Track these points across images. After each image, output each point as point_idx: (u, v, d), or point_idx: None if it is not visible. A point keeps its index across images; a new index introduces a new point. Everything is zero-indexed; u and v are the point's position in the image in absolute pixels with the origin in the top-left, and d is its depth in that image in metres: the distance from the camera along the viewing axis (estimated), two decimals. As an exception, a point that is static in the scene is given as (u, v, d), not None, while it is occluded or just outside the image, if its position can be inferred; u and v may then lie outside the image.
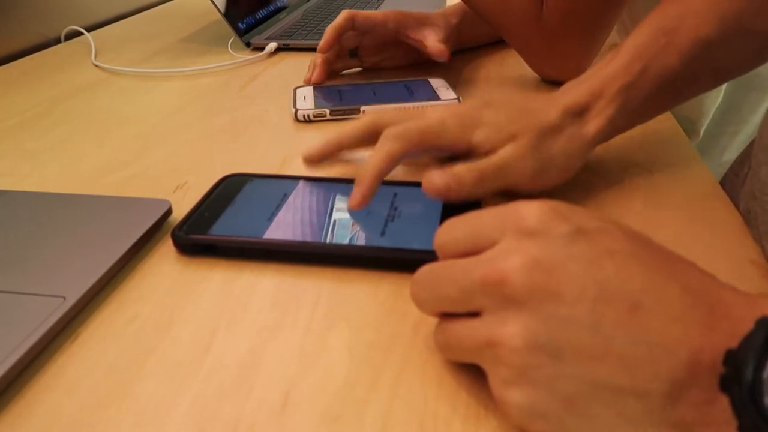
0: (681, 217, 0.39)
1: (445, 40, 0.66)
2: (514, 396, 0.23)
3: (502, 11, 0.60)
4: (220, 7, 0.79)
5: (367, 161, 0.39)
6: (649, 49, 0.40)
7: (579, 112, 0.40)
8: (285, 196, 0.41)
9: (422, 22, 0.67)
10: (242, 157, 0.51)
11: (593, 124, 0.40)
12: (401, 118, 0.41)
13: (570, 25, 0.57)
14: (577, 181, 0.44)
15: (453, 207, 0.39)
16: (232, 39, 0.83)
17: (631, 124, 0.43)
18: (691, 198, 0.41)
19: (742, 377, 0.20)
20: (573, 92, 0.41)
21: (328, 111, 0.57)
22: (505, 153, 0.39)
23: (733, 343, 0.21)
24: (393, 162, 0.39)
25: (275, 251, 0.37)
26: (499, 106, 0.41)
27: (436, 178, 0.37)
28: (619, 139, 0.48)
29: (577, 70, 0.46)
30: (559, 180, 0.41)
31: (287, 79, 0.70)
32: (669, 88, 0.41)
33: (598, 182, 0.44)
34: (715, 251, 0.36)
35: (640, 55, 0.40)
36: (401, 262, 0.35)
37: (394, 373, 0.29)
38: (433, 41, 0.64)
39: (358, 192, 0.38)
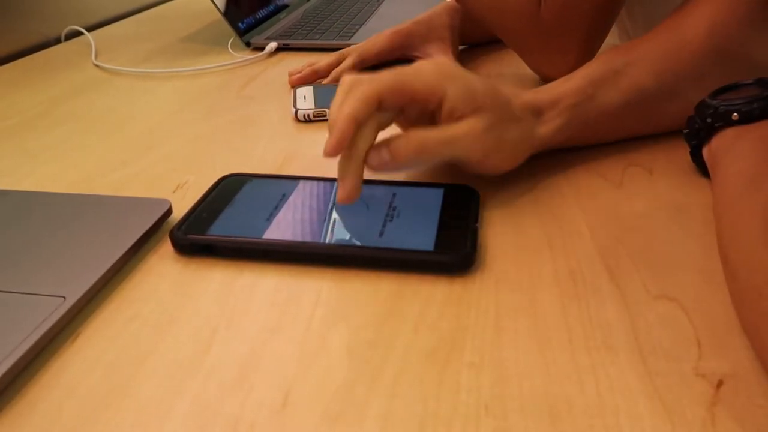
0: (681, 218, 0.39)
1: (455, 57, 0.68)
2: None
3: (498, 10, 0.60)
4: (220, 7, 0.79)
5: (340, 108, 0.37)
6: (599, 81, 0.46)
7: (535, 113, 0.44)
8: (284, 197, 0.41)
9: (426, 38, 0.69)
10: (242, 157, 0.51)
11: (544, 128, 0.44)
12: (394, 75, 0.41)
13: (567, 20, 0.57)
14: (577, 181, 0.44)
15: (452, 206, 0.39)
16: (232, 39, 0.83)
17: (575, 140, 0.47)
18: (692, 199, 0.41)
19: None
20: (535, 94, 0.45)
21: (328, 111, 0.57)
22: (461, 128, 0.39)
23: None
24: (368, 105, 0.37)
25: (273, 251, 0.37)
26: (476, 76, 0.42)
27: (370, 157, 0.37)
28: (619, 140, 0.49)
29: (575, 69, 0.47)
30: (502, 167, 0.42)
31: (287, 79, 0.70)
32: (607, 120, 0.46)
33: (598, 182, 0.44)
34: (716, 252, 0.36)
35: (592, 84, 0.45)
36: (400, 262, 0.35)
37: (394, 373, 0.29)
38: None
39: (332, 138, 0.36)
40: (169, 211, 0.41)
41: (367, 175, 0.45)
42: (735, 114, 0.38)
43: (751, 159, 0.35)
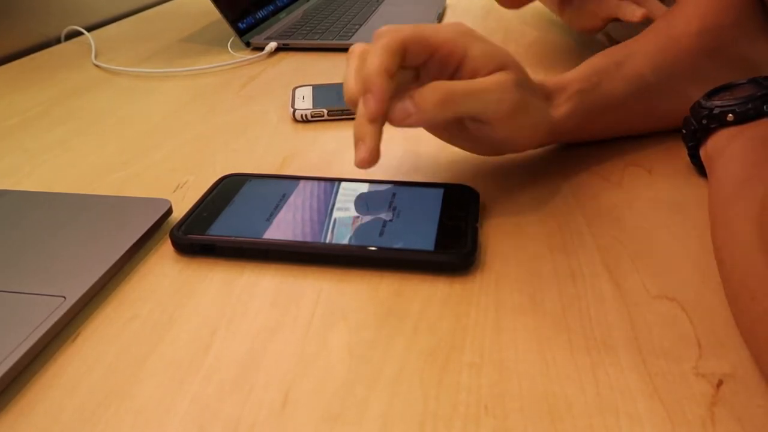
0: (681, 218, 0.39)
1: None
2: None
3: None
4: (219, 7, 0.79)
5: (366, 64, 0.35)
6: (604, 70, 0.46)
7: (546, 96, 0.44)
8: (284, 197, 0.41)
9: None
10: (242, 157, 0.51)
11: (555, 112, 0.44)
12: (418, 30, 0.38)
13: None
14: (577, 181, 0.44)
15: (452, 206, 0.39)
16: (231, 39, 0.83)
17: (582, 131, 0.47)
18: (692, 199, 0.41)
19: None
20: (545, 81, 0.45)
21: (325, 111, 0.57)
22: (489, 80, 0.37)
23: None
24: (395, 55, 0.35)
25: (274, 251, 0.37)
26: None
27: (394, 109, 0.35)
28: (619, 140, 0.49)
29: None
30: (522, 139, 0.41)
31: (287, 78, 0.70)
32: (612, 110, 0.46)
33: (598, 182, 0.44)
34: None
35: (597, 72, 0.46)
36: (400, 262, 0.35)
37: (394, 372, 0.29)
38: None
39: (373, 96, 0.34)
40: (169, 211, 0.41)
41: (368, 174, 0.45)
42: (730, 115, 0.38)
43: (745, 160, 0.35)
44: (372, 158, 0.34)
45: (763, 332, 0.26)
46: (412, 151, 0.50)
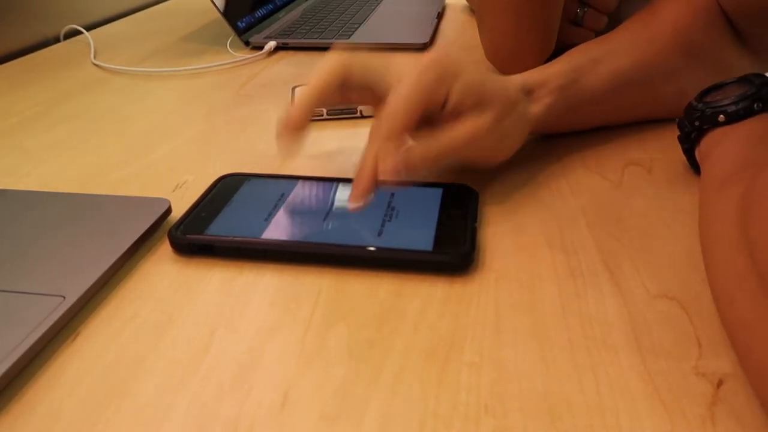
0: (681, 217, 0.39)
1: None
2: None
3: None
4: (219, 6, 0.79)
5: (380, 165, 0.37)
6: (581, 67, 0.47)
7: (527, 92, 0.45)
8: (283, 196, 0.41)
9: None
10: (241, 157, 0.51)
11: (536, 107, 0.45)
12: (368, 60, 0.40)
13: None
14: (577, 181, 0.44)
15: (451, 206, 0.39)
16: (231, 38, 0.83)
17: (564, 124, 0.49)
18: (691, 198, 0.41)
19: None
20: (523, 77, 0.46)
21: (325, 111, 0.56)
22: (468, 128, 0.38)
23: None
24: (402, 136, 0.38)
25: (272, 251, 0.37)
26: (473, 64, 0.41)
27: (387, 165, 0.36)
28: (619, 139, 0.49)
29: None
30: (507, 153, 0.43)
31: (286, 78, 0.70)
32: (590, 105, 0.48)
33: (598, 182, 0.44)
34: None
35: (574, 69, 0.47)
36: (399, 262, 0.35)
37: (393, 372, 0.29)
38: None
39: (356, 189, 0.37)
40: (168, 211, 0.41)
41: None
42: (721, 116, 0.38)
43: (729, 159, 0.35)
44: (366, 203, 0.37)
45: (742, 337, 0.25)
46: (412, 150, 0.50)
